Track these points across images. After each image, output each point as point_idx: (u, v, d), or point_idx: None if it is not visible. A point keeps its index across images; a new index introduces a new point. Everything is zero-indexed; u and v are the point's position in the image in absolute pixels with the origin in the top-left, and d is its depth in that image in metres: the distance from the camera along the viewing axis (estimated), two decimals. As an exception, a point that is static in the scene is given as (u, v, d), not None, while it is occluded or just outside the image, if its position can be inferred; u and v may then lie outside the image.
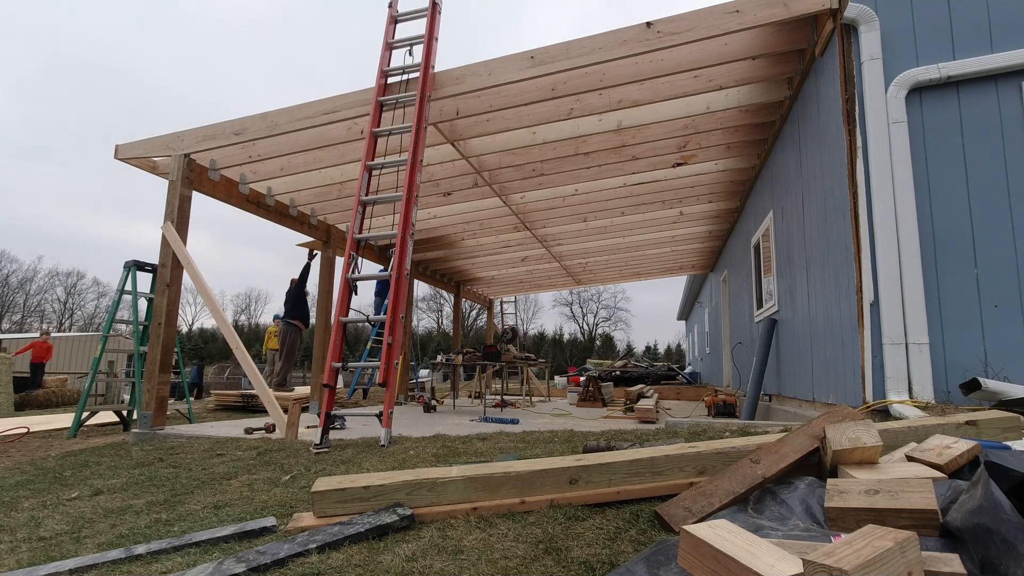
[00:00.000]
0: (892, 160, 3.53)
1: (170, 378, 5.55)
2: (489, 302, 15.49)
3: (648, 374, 15.77)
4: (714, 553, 1.32)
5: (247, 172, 6.45)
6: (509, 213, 8.09)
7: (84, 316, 49.13)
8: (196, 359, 26.35)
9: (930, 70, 3.58)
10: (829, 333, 4.17)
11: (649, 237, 9.97)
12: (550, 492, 2.15)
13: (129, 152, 5.96)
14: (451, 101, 5.18)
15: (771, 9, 3.99)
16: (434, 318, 51.45)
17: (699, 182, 7.36)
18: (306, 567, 1.76)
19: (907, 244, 3.46)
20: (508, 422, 5.81)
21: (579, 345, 51.50)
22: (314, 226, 7.81)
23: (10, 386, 10.24)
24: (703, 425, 3.77)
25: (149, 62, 74.46)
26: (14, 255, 49.92)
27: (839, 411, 2.24)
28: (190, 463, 3.76)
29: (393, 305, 4.33)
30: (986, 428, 2.24)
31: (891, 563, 1.10)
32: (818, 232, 4.39)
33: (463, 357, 8.62)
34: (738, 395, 7.56)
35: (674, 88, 4.90)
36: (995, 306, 3.38)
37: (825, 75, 4.12)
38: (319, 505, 2.19)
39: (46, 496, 3.21)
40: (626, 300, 54.62)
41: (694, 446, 2.28)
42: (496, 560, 1.72)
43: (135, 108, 74.48)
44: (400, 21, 5.46)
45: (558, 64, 4.52)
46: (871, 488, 1.61)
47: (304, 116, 5.38)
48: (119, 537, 2.35)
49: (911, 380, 3.32)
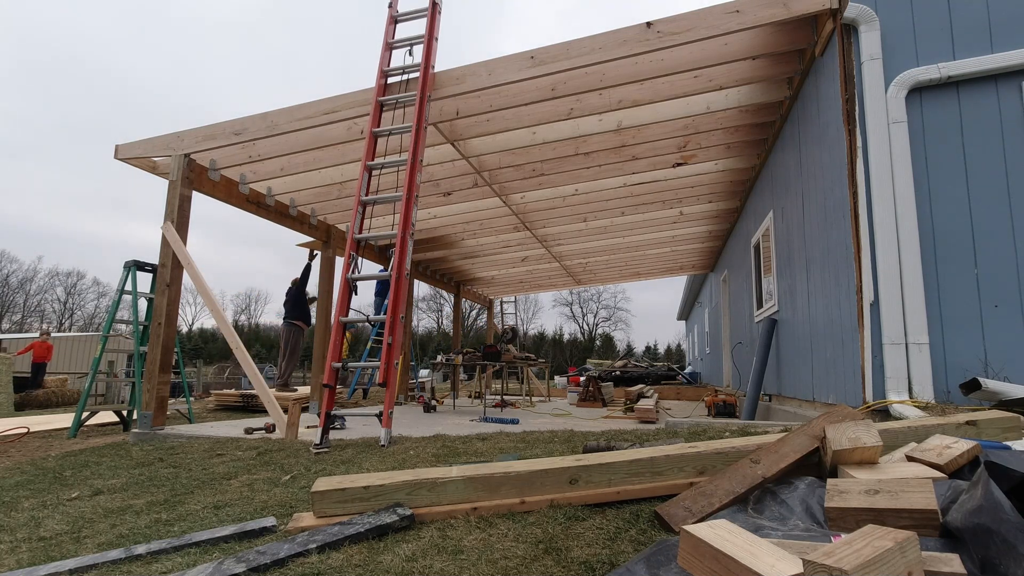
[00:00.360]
0: (892, 160, 3.53)
1: (170, 378, 5.55)
2: (489, 302, 15.49)
3: (648, 374, 15.77)
4: (714, 553, 1.32)
5: (247, 172, 6.45)
6: (509, 213, 8.09)
7: (84, 316, 49.20)
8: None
9: (930, 70, 3.58)
10: (829, 333, 4.17)
11: (649, 237, 9.97)
12: (550, 492, 2.15)
13: (129, 152, 5.96)
14: (451, 101, 5.18)
15: (771, 9, 3.99)
16: (434, 318, 51.52)
17: (699, 182, 7.36)
18: (306, 567, 1.76)
19: (907, 244, 3.46)
20: (508, 422, 5.81)
21: (579, 345, 51.49)
22: (314, 226, 7.81)
23: (10, 386, 10.24)
24: (703, 425, 3.77)
25: (122, 55, 73.10)
26: (14, 255, 49.98)
27: (839, 411, 2.24)
28: (190, 463, 3.76)
29: (393, 305, 4.33)
30: (986, 428, 2.24)
31: (891, 563, 1.10)
32: (818, 232, 4.39)
33: (463, 357, 8.62)
34: (738, 395, 7.56)
35: (674, 88, 4.90)
36: (995, 306, 3.37)
37: (825, 75, 4.12)
38: (319, 505, 2.19)
39: (46, 496, 3.21)
40: (626, 300, 54.70)
41: (694, 446, 2.28)
42: (496, 560, 1.72)
43: (111, 103, 73.14)
44: (400, 21, 5.46)
45: (558, 64, 4.52)
46: (871, 488, 1.61)
47: (304, 116, 5.38)
48: (119, 537, 2.35)
49: (911, 380, 3.32)
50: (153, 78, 75.73)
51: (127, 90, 73.94)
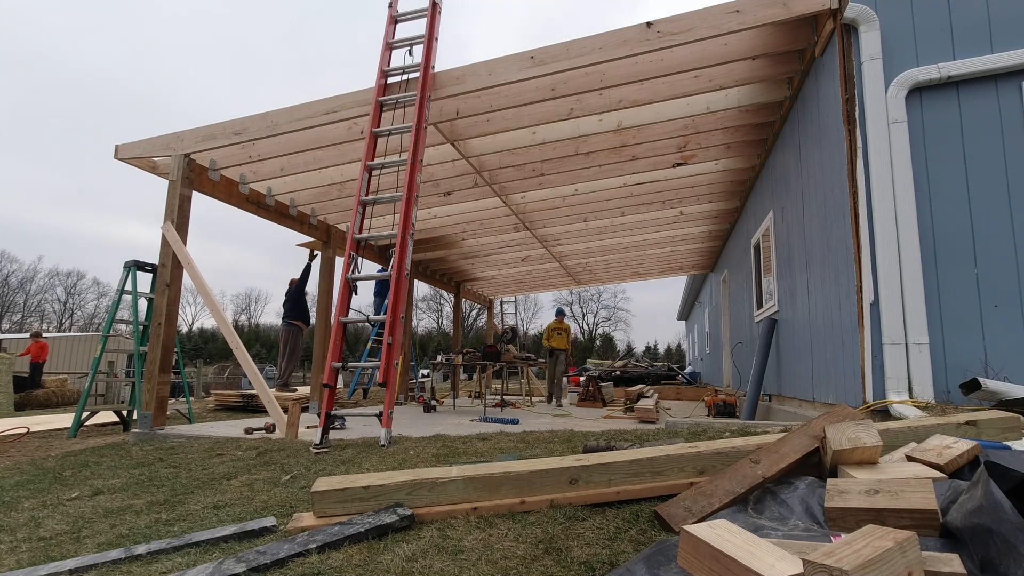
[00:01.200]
0: (892, 160, 3.53)
1: (170, 378, 5.55)
2: (489, 302, 15.49)
3: (648, 374, 15.78)
4: (714, 553, 1.32)
5: (247, 172, 6.45)
6: (509, 213, 8.09)
7: (84, 316, 49.18)
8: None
9: (930, 70, 3.58)
10: (829, 333, 4.16)
11: (649, 237, 9.97)
12: (550, 492, 2.15)
13: (129, 152, 5.96)
14: (451, 101, 5.18)
15: (771, 9, 3.99)
16: (434, 318, 51.50)
17: (699, 182, 7.36)
18: (306, 567, 1.76)
19: (907, 244, 3.46)
20: (508, 422, 5.81)
21: (579, 345, 51.45)
22: (314, 226, 7.81)
23: (10, 386, 10.23)
24: (703, 425, 3.77)
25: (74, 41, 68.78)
26: (14, 255, 49.89)
27: (839, 411, 2.24)
28: (190, 463, 3.76)
29: (393, 305, 4.33)
30: (986, 428, 2.24)
31: (891, 563, 1.10)
32: (818, 232, 4.39)
33: (463, 357, 8.62)
34: (738, 395, 7.56)
35: (674, 88, 4.90)
36: (995, 306, 3.37)
37: (825, 75, 4.12)
38: (319, 505, 2.19)
39: (46, 496, 3.21)
40: (626, 300, 54.65)
41: (694, 446, 2.28)
42: (496, 560, 1.72)
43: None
44: (400, 21, 5.46)
45: (558, 64, 4.52)
46: (871, 488, 1.61)
47: (304, 116, 5.38)
48: (119, 537, 2.35)
49: (911, 380, 3.32)
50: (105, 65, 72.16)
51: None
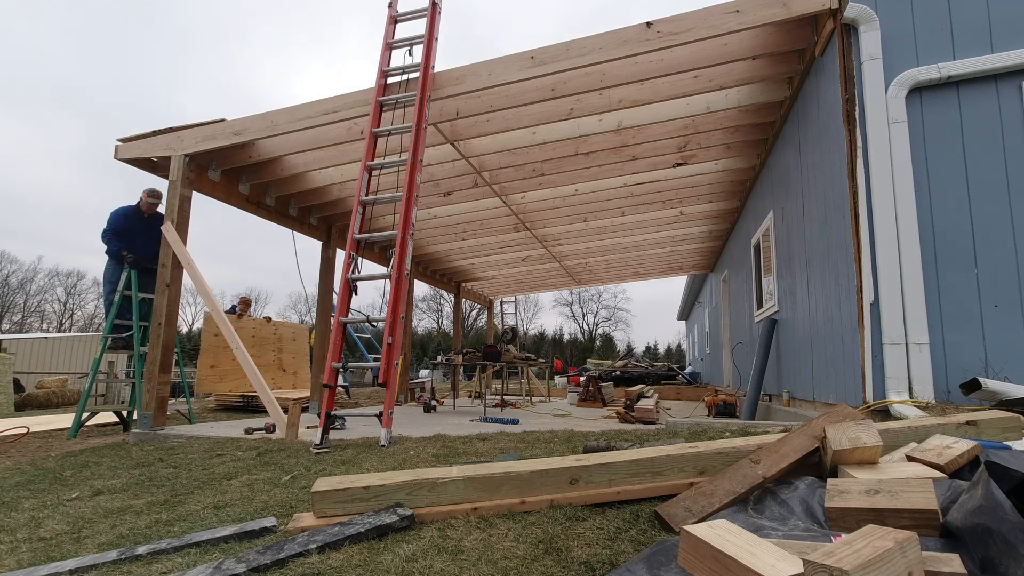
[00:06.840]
0: (892, 160, 3.53)
1: (170, 378, 5.55)
2: (489, 302, 15.49)
3: (648, 374, 15.79)
4: (714, 553, 1.32)
5: (247, 172, 6.45)
6: (509, 213, 8.09)
7: (84, 316, 49.11)
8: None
9: (930, 70, 3.58)
10: (829, 333, 4.16)
11: (649, 237, 9.97)
12: (550, 492, 2.15)
13: (129, 152, 5.96)
14: (451, 101, 5.18)
15: (771, 9, 3.99)
16: (434, 318, 51.48)
17: (699, 182, 7.36)
18: (306, 567, 1.76)
19: (907, 244, 3.46)
20: (508, 422, 5.81)
21: (579, 345, 51.50)
22: (314, 226, 7.81)
23: (10, 386, 10.24)
24: (703, 425, 3.77)
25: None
26: (14, 255, 49.82)
27: (839, 411, 2.24)
28: (190, 463, 3.76)
29: (393, 305, 4.33)
30: (986, 428, 2.24)
31: (891, 563, 1.10)
32: (818, 232, 4.39)
33: (463, 357, 8.62)
34: (738, 395, 7.56)
35: (674, 88, 4.90)
36: (995, 306, 3.38)
37: (825, 75, 4.12)
38: (319, 505, 2.19)
39: (46, 496, 3.21)
40: (626, 300, 54.65)
41: (694, 446, 2.28)
42: (496, 560, 1.72)
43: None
44: (400, 21, 5.46)
45: (558, 64, 4.52)
46: (871, 488, 1.61)
47: (304, 116, 5.38)
48: (119, 537, 2.35)
49: (911, 380, 3.32)
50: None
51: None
